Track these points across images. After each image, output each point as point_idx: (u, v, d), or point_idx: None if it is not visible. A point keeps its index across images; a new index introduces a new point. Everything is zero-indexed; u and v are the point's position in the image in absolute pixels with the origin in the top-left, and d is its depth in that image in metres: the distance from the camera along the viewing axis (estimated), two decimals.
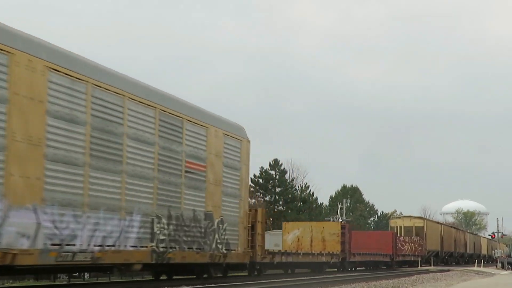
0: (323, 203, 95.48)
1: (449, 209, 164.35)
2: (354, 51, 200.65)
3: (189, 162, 19.25)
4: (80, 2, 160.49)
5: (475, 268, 48.28)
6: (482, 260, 66.23)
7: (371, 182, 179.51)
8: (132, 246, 16.35)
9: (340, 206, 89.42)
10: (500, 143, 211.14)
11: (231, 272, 25.45)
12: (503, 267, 50.33)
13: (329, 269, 35.34)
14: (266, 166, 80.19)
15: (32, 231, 13.08)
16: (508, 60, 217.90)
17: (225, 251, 21.16)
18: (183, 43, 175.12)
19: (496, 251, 65.58)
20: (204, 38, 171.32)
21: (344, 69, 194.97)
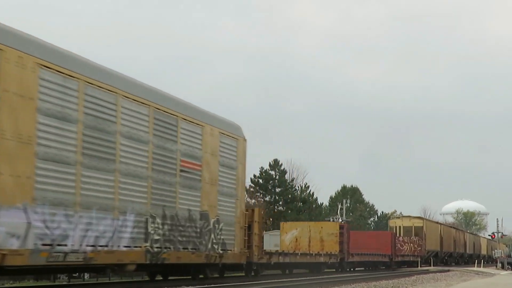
0: (323, 203, 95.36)
1: (449, 209, 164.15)
2: (354, 51, 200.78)
3: (184, 161, 19.00)
4: (80, 2, 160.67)
5: (475, 268, 48.09)
6: (482, 260, 66.07)
7: (371, 182, 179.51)
8: (125, 246, 16.10)
9: (340, 206, 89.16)
10: (500, 143, 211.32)
11: (228, 273, 25.23)
12: (503, 267, 50.20)
13: (327, 269, 35.13)
14: (266, 166, 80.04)
15: (22, 231, 12.85)
16: (508, 60, 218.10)
17: (221, 251, 20.91)
18: (183, 43, 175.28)
19: (496, 251, 65.51)
20: (204, 38, 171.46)
21: (344, 69, 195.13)
